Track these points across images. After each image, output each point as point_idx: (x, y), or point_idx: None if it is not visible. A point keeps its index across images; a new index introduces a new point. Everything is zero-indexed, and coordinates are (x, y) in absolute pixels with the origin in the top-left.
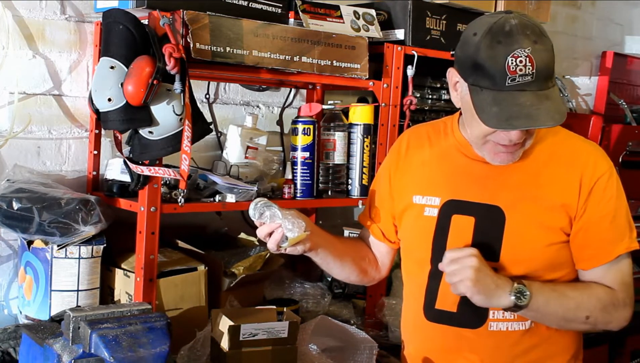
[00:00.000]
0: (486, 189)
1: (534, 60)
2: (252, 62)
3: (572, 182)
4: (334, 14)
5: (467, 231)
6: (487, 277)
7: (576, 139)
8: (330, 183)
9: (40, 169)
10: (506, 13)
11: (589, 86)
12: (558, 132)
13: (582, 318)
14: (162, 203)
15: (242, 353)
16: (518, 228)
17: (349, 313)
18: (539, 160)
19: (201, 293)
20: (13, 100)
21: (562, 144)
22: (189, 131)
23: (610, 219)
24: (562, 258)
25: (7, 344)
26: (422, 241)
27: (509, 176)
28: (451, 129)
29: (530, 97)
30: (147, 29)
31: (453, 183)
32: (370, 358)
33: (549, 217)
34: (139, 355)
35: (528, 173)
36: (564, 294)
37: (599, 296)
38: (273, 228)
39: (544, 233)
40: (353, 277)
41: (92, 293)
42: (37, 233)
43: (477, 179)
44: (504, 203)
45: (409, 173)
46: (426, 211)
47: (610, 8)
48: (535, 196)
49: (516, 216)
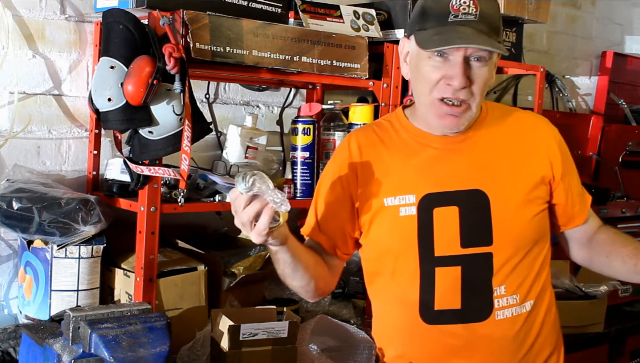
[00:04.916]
0: (461, 174)
1: (478, 4)
2: (252, 62)
3: (540, 152)
4: (334, 14)
5: (453, 221)
6: None
7: (528, 113)
8: None
9: (40, 169)
10: None
11: (589, 85)
12: (513, 111)
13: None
14: (162, 203)
15: (242, 353)
16: (504, 207)
17: (348, 313)
18: (503, 137)
19: (201, 293)
20: (13, 100)
21: (518, 119)
22: (189, 131)
23: (575, 171)
24: (545, 227)
25: (7, 344)
26: (405, 242)
27: (480, 156)
28: (400, 124)
29: (471, 31)
30: (147, 28)
31: (426, 177)
32: (369, 358)
33: (529, 189)
34: (139, 355)
35: (497, 151)
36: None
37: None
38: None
39: (528, 206)
40: (310, 286)
41: (92, 293)
42: (37, 233)
43: (449, 167)
44: (484, 184)
45: (372, 177)
46: (402, 211)
47: (610, 8)
48: (511, 171)
49: (499, 196)
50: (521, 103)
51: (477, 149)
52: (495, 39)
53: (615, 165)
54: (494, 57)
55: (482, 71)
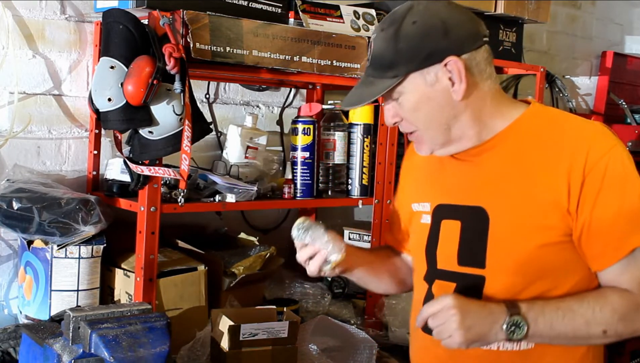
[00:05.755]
0: (469, 189)
1: (372, 46)
2: (252, 62)
3: (560, 174)
4: (334, 14)
5: (454, 237)
6: (477, 320)
7: (570, 122)
8: (330, 182)
9: (40, 169)
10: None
11: (589, 86)
12: (566, 122)
13: (599, 334)
14: (162, 203)
15: (242, 353)
16: (503, 230)
17: (349, 313)
18: (528, 152)
19: (201, 293)
20: (13, 100)
21: (552, 129)
22: (189, 131)
23: (617, 209)
24: (563, 261)
25: (7, 344)
26: (418, 250)
27: (493, 171)
28: None
29: (361, 80)
30: (147, 28)
31: (440, 186)
32: (370, 358)
33: (538, 215)
34: (139, 355)
35: (514, 167)
36: (570, 310)
37: (614, 305)
38: (315, 251)
39: (534, 234)
40: (392, 289)
41: (92, 293)
42: (37, 233)
43: (460, 179)
44: (487, 202)
45: (409, 180)
46: (423, 218)
47: (610, 8)
48: (522, 191)
49: (501, 217)
50: None
51: (492, 163)
52: (381, 76)
53: None
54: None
55: (402, 105)
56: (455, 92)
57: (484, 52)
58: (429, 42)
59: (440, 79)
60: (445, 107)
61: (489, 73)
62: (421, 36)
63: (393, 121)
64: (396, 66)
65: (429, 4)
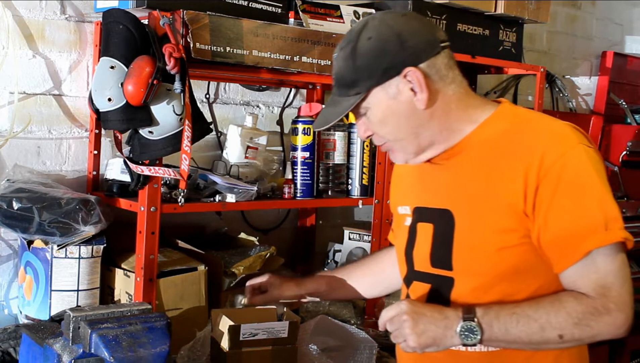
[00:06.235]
0: (439, 192)
1: (334, 66)
2: (252, 62)
3: (517, 177)
4: (334, 14)
5: (428, 239)
6: (429, 325)
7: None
8: (330, 182)
9: (40, 169)
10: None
11: (589, 86)
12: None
13: (555, 339)
14: (162, 203)
15: (242, 353)
16: (467, 233)
17: (349, 313)
18: (491, 153)
19: (201, 293)
20: (13, 100)
21: (515, 131)
22: (189, 131)
23: (572, 213)
24: (526, 263)
25: (7, 344)
26: (400, 252)
27: (459, 174)
28: None
29: (328, 100)
30: (147, 29)
31: (419, 190)
32: (370, 358)
33: (498, 218)
34: (139, 355)
35: (478, 169)
36: (525, 315)
37: (568, 310)
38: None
39: (494, 237)
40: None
41: (92, 293)
42: (37, 233)
43: (434, 183)
44: (453, 205)
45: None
46: (405, 220)
47: (610, 8)
48: (484, 194)
49: (465, 219)
50: (521, 103)
51: (459, 167)
52: (345, 94)
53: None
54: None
55: (370, 120)
56: (418, 101)
57: (444, 57)
58: (385, 57)
59: (402, 91)
60: (411, 117)
61: (452, 77)
62: (377, 51)
63: (365, 136)
64: (357, 83)
65: (383, 18)
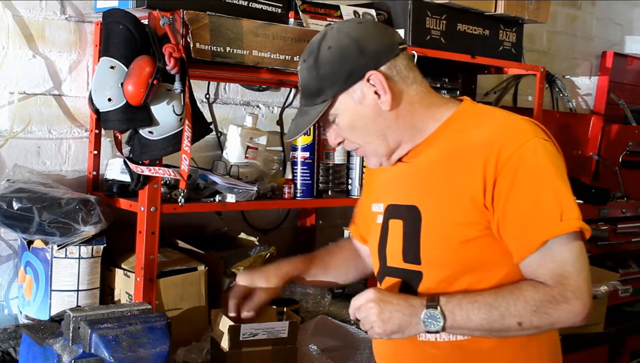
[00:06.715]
0: (407, 189)
1: (299, 78)
2: (252, 62)
3: (476, 170)
4: (334, 14)
5: (399, 235)
6: (395, 312)
7: (492, 119)
8: (330, 182)
9: (40, 169)
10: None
11: (589, 86)
12: (488, 120)
13: (515, 326)
14: (162, 203)
15: (242, 353)
16: (432, 227)
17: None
18: (451, 148)
19: (201, 293)
20: (13, 100)
21: (475, 127)
22: (189, 131)
23: (529, 204)
24: (488, 255)
25: (7, 344)
26: (373, 249)
27: (424, 171)
28: None
29: (297, 111)
30: (147, 29)
31: (390, 187)
32: (370, 358)
33: (459, 212)
34: (139, 355)
35: (440, 165)
36: (486, 304)
37: (526, 298)
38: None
39: (457, 230)
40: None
41: (92, 293)
42: (37, 233)
43: (403, 180)
44: (420, 201)
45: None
46: (378, 218)
47: (610, 8)
48: (446, 190)
49: (430, 215)
50: (521, 103)
51: (424, 164)
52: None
53: (615, 165)
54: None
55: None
56: (383, 103)
57: (403, 59)
58: (347, 63)
59: (366, 95)
60: (377, 119)
61: (413, 78)
62: (338, 59)
63: (336, 142)
64: (323, 91)
65: (340, 27)
